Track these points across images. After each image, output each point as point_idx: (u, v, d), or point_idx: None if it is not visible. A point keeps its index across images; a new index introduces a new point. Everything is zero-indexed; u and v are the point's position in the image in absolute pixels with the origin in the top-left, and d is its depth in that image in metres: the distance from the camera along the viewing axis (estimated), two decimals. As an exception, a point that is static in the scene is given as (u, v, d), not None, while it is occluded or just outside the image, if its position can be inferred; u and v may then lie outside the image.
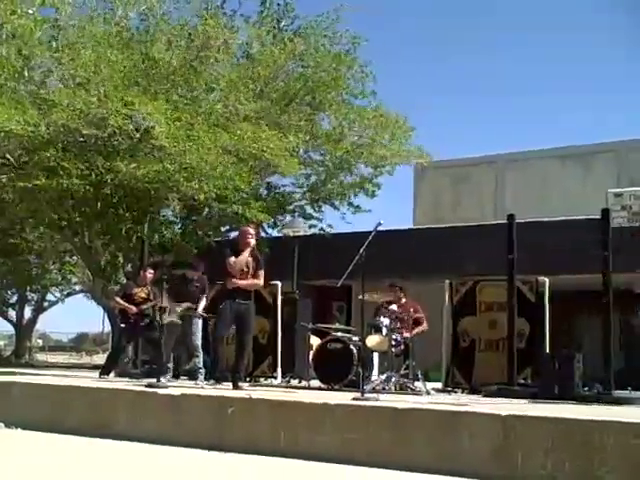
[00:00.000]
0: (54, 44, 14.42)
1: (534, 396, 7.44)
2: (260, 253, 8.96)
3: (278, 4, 16.30)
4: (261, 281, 8.58)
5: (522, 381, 8.65)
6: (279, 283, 10.76)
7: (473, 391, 8.87)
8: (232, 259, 8.40)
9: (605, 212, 8.01)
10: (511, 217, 8.66)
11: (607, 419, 5.10)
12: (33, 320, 33.73)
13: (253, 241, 8.58)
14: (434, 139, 59.92)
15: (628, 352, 14.29)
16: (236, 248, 8.56)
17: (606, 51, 59.53)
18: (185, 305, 9.63)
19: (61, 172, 13.31)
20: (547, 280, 9.30)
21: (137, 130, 13.29)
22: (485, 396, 7.85)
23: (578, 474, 4.97)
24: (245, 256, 8.45)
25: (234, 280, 8.38)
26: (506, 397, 7.47)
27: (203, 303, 9.79)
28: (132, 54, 14.61)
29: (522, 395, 7.56)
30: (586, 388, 7.86)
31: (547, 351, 8.79)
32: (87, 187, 13.75)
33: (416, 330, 9.42)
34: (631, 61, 58.62)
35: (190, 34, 15.06)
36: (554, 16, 61.26)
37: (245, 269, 8.46)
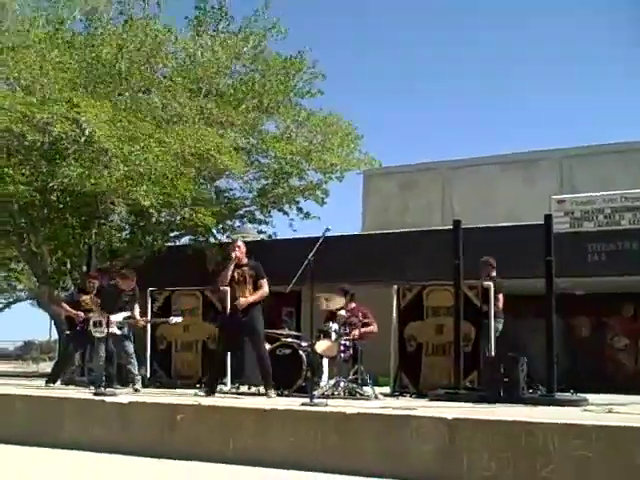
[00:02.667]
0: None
1: (480, 399, 7.57)
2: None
3: (212, 7, 16.44)
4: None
5: (468, 385, 8.77)
6: (228, 289, 10.73)
7: (420, 395, 8.96)
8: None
9: (548, 218, 8.19)
10: (457, 223, 8.79)
11: (549, 421, 5.23)
12: (-23, 328, 33.02)
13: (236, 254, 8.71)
14: (382, 144, 60.15)
15: (571, 354, 14.63)
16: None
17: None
18: (123, 314, 9.59)
19: (7, 179, 13.10)
20: (492, 285, 9.45)
21: (82, 133, 13.14)
22: (432, 400, 7.93)
23: (522, 475, 5.08)
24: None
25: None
26: (452, 401, 7.58)
27: (138, 310, 9.81)
28: (77, 55, 14.47)
29: (468, 399, 7.67)
30: (530, 391, 8.01)
31: (492, 355, 8.92)
32: (33, 193, 13.56)
33: (365, 329, 9.45)
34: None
35: (141, 40, 15.01)
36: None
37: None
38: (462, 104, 65.01)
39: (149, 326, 10.71)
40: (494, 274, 9.95)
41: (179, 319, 9.84)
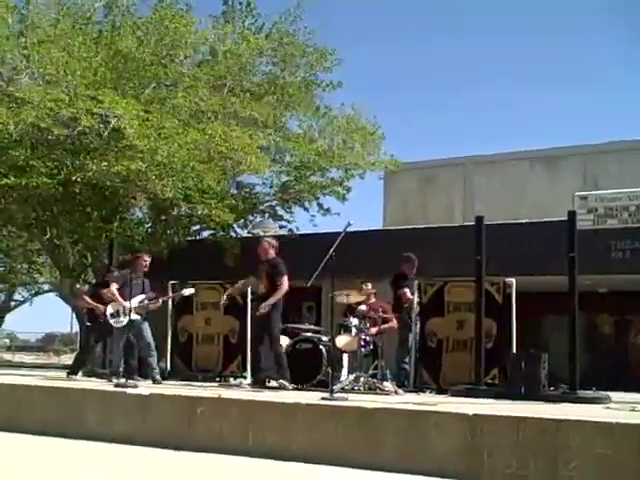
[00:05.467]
0: (23, 40, 14.27)
1: (501, 396, 7.52)
2: None
3: (240, 3, 16.39)
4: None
5: (489, 381, 8.72)
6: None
7: (441, 391, 8.93)
8: None
9: (571, 215, 8.11)
10: (480, 219, 8.73)
11: (571, 418, 5.19)
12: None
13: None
14: (401, 138, 59.95)
15: (593, 352, 14.52)
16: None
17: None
18: (138, 298, 9.59)
19: (29, 171, 13.17)
20: (514, 281, 9.38)
21: (106, 128, 13.17)
22: (452, 396, 7.90)
23: (543, 472, 5.05)
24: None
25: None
26: (473, 397, 7.54)
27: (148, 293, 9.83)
28: (101, 49, 14.51)
29: (489, 395, 7.63)
30: (552, 388, 7.94)
31: (514, 351, 8.86)
32: (56, 185, 13.63)
33: (384, 326, 9.47)
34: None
35: (160, 32, 15.00)
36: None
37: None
38: (480, 100, 64.79)
39: (169, 320, 10.75)
40: (413, 274, 10.05)
41: (192, 290, 9.98)
